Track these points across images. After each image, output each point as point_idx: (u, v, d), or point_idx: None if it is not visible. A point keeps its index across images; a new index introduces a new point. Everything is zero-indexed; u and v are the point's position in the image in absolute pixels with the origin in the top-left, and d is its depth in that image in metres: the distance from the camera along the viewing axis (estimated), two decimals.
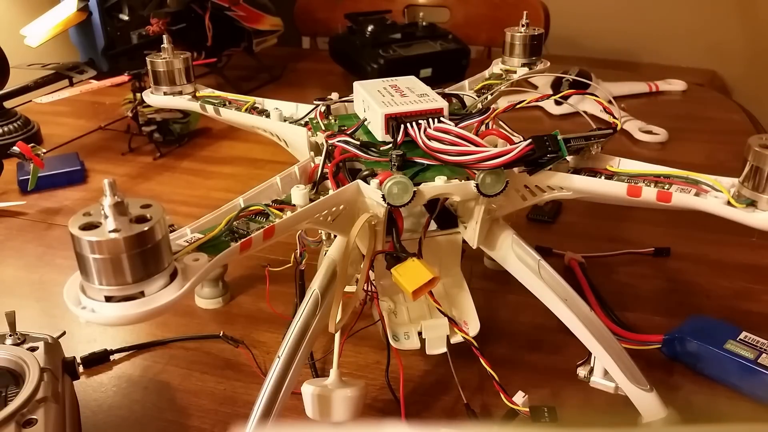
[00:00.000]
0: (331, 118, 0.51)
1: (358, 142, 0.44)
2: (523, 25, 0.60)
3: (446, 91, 0.52)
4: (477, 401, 0.48)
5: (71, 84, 1.00)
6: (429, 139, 0.42)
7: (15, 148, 0.74)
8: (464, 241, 0.46)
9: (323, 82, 1.23)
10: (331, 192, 0.41)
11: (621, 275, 0.62)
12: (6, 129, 0.93)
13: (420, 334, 0.44)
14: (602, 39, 1.90)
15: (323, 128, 0.48)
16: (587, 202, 0.70)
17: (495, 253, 0.46)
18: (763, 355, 0.47)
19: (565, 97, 0.46)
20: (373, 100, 0.46)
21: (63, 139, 0.90)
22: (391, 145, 0.44)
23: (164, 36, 0.57)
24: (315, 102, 0.52)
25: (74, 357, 0.47)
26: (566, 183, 0.41)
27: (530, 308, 0.55)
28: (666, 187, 0.38)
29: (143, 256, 0.29)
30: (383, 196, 0.38)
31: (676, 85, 1.11)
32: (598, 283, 0.59)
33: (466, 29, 1.35)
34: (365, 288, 0.44)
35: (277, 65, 1.24)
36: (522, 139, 0.41)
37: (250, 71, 1.21)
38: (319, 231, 0.49)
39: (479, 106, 0.53)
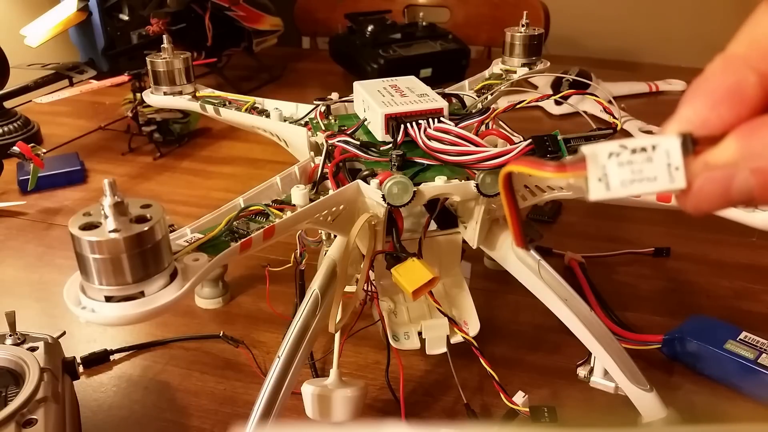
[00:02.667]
0: (331, 118, 0.51)
1: (358, 142, 0.44)
2: (523, 25, 0.60)
3: (446, 91, 0.52)
4: (477, 401, 0.48)
5: (71, 84, 1.00)
6: (429, 139, 0.42)
7: (15, 148, 0.74)
8: (464, 241, 0.46)
9: (323, 82, 1.23)
10: (331, 192, 0.41)
11: (621, 275, 0.62)
12: (6, 129, 0.93)
13: (420, 334, 0.44)
14: (602, 39, 1.90)
15: (323, 128, 0.48)
16: (587, 202, 0.70)
17: (495, 253, 0.46)
18: (763, 355, 0.47)
19: (565, 97, 0.46)
20: (373, 100, 0.46)
21: (63, 139, 0.90)
22: (391, 145, 0.44)
23: (164, 36, 0.57)
24: (315, 102, 0.52)
25: (74, 357, 0.47)
26: (566, 183, 0.41)
27: (530, 308, 0.55)
28: None
29: (143, 256, 0.29)
30: (383, 196, 0.38)
31: (676, 85, 1.11)
32: (598, 283, 0.59)
33: (466, 29, 1.35)
34: (365, 288, 0.44)
35: (277, 65, 1.24)
36: (522, 139, 0.41)
37: (250, 71, 1.21)
38: (319, 231, 0.49)
39: (479, 106, 0.53)
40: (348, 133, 0.46)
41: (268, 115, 0.53)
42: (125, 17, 1.19)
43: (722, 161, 0.20)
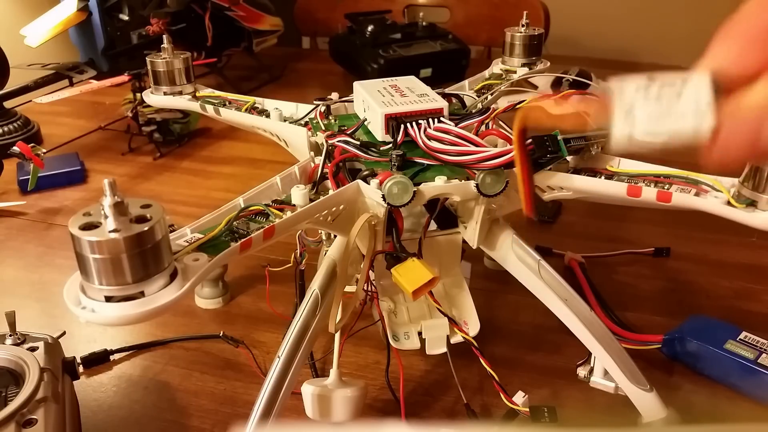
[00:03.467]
0: (331, 118, 0.51)
1: (358, 142, 0.43)
2: (523, 25, 0.60)
3: (446, 91, 0.52)
4: (477, 401, 0.48)
5: (71, 84, 1.00)
6: (429, 139, 0.42)
7: (15, 148, 0.74)
8: (464, 241, 0.46)
9: (323, 82, 1.23)
10: (331, 192, 0.41)
11: (621, 275, 0.62)
12: (6, 129, 0.93)
13: (420, 334, 0.44)
14: (602, 39, 1.90)
15: (323, 128, 0.48)
16: (587, 202, 0.70)
17: (495, 253, 0.46)
18: (763, 355, 0.47)
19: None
20: (373, 100, 0.45)
21: (63, 139, 0.90)
22: (391, 145, 0.44)
23: (164, 36, 0.57)
24: (315, 102, 0.52)
25: (74, 357, 0.47)
26: (566, 183, 0.41)
27: (530, 308, 0.55)
28: (666, 187, 0.38)
29: (143, 256, 0.29)
30: (383, 196, 0.38)
31: None
32: (598, 283, 0.59)
33: (466, 29, 1.35)
34: (365, 288, 0.44)
35: (277, 65, 1.24)
36: None
37: (250, 71, 1.21)
38: (319, 231, 0.49)
39: (479, 106, 0.53)
40: (348, 133, 0.46)
41: (268, 115, 0.53)
42: (125, 17, 1.19)
43: (755, 103, 0.19)
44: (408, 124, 0.43)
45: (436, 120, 0.44)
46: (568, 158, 0.41)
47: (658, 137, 0.18)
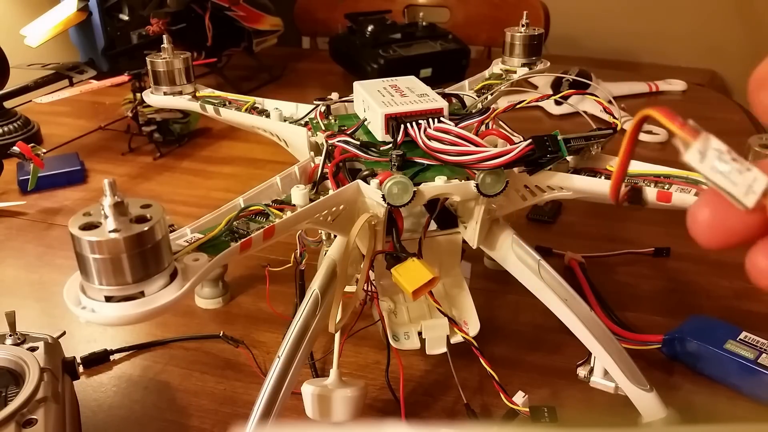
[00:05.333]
0: (331, 118, 0.51)
1: (358, 142, 0.43)
2: (523, 25, 0.60)
3: (446, 91, 0.52)
4: (477, 401, 0.48)
5: (71, 84, 1.00)
6: (429, 139, 0.42)
7: (15, 148, 0.74)
8: (464, 241, 0.46)
9: (323, 82, 1.23)
10: (331, 192, 0.41)
11: (621, 275, 0.62)
12: (6, 129, 0.93)
13: (420, 334, 0.44)
14: (602, 39, 1.90)
15: (323, 128, 0.48)
16: (587, 202, 0.70)
17: (495, 253, 0.46)
18: (763, 355, 0.47)
19: (565, 97, 0.46)
20: (373, 100, 0.45)
21: (63, 139, 0.90)
22: (391, 145, 0.44)
23: (164, 36, 0.57)
24: (315, 102, 0.52)
25: (74, 357, 0.47)
26: (566, 183, 0.41)
27: (530, 308, 0.55)
28: (666, 187, 0.38)
29: (143, 256, 0.29)
30: (383, 196, 0.38)
31: (676, 85, 1.11)
32: (598, 283, 0.59)
33: (466, 29, 1.35)
34: (365, 288, 0.44)
35: (277, 65, 1.24)
36: (522, 139, 0.41)
37: (250, 71, 1.21)
38: (319, 231, 0.49)
39: (479, 106, 0.53)
40: (348, 133, 0.46)
41: (268, 115, 0.53)
42: (125, 17, 1.19)
43: None
44: (408, 124, 0.43)
45: (436, 120, 0.44)
46: (568, 158, 0.41)
47: (713, 178, 0.21)
